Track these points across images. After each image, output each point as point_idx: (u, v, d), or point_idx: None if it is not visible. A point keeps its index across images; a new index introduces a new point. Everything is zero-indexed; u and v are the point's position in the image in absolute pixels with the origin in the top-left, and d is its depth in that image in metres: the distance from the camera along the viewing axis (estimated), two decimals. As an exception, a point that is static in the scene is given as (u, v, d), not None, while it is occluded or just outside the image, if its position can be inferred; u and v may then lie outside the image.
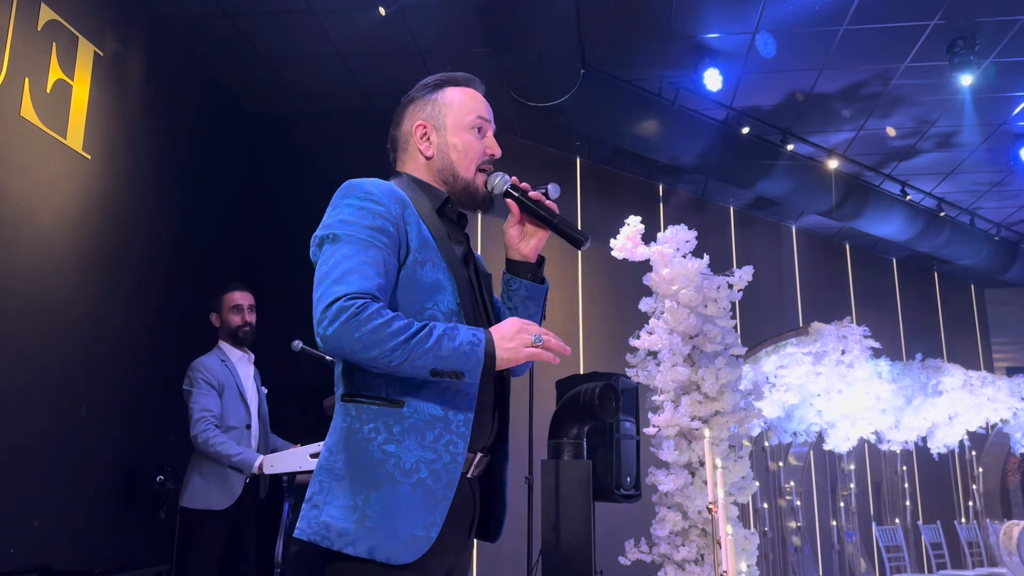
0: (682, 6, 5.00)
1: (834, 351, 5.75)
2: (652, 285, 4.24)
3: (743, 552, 3.93)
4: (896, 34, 5.27)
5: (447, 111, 1.74)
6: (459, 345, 1.47)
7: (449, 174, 1.72)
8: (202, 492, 3.70)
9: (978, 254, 8.68)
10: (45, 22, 3.71)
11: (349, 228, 1.54)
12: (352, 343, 1.44)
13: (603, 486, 3.94)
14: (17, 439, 3.48)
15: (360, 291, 1.46)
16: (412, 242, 1.59)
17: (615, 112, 5.90)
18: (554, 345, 1.55)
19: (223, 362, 3.90)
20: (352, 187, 1.61)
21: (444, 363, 1.47)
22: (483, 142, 1.75)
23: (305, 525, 1.51)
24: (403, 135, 1.77)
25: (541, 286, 1.81)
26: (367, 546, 1.45)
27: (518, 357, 1.52)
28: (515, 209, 1.74)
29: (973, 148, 6.99)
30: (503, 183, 1.73)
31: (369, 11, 4.88)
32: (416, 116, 1.75)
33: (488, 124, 1.77)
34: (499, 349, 1.51)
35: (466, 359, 1.48)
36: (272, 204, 5.90)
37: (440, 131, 1.73)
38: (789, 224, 8.81)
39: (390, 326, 1.44)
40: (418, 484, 1.49)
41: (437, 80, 1.79)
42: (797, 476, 6.56)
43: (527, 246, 1.77)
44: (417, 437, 1.51)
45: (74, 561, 3.69)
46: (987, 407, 7.14)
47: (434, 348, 1.46)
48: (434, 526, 1.48)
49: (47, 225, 3.74)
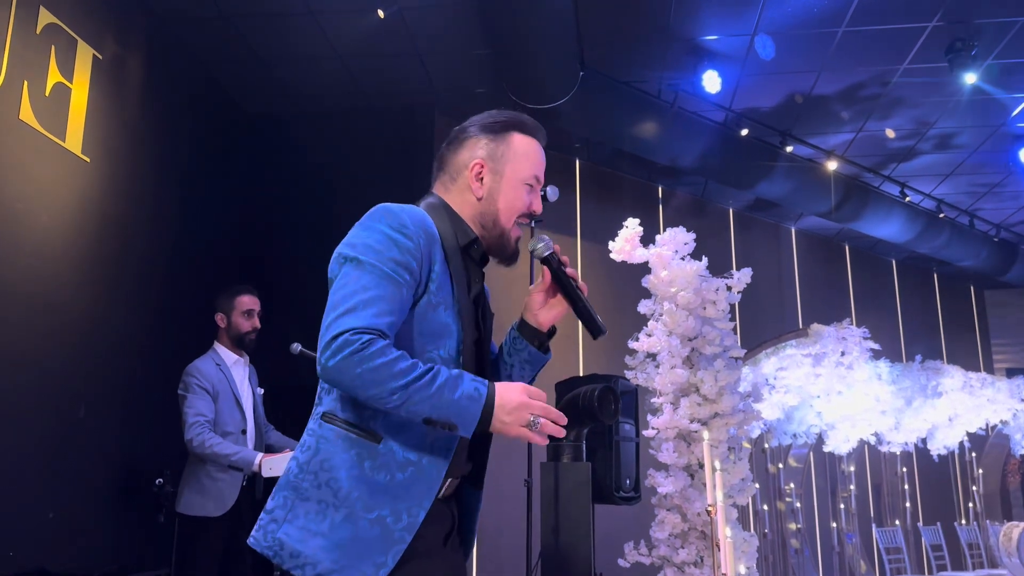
0: (681, 8, 5.00)
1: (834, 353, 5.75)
2: (651, 287, 4.24)
3: (743, 554, 3.93)
4: (895, 36, 5.28)
5: (509, 159, 1.71)
6: (459, 399, 1.45)
7: (490, 220, 1.71)
8: (198, 498, 3.70)
9: (978, 255, 8.68)
10: (44, 25, 3.71)
11: (374, 257, 1.51)
12: (352, 379, 1.42)
13: (602, 488, 3.94)
14: (16, 441, 3.48)
15: (369, 327, 1.44)
16: (431, 283, 1.57)
17: (614, 114, 5.90)
18: (550, 430, 1.51)
19: (218, 366, 3.88)
20: (387, 212, 1.57)
21: (440, 413, 1.44)
22: (529, 197, 1.74)
23: (261, 536, 1.51)
24: (458, 165, 1.73)
25: (544, 356, 1.81)
26: (315, 573, 1.46)
27: (509, 432, 1.50)
28: (548, 278, 1.74)
29: (972, 149, 6.99)
30: (545, 249, 1.72)
31: (368, 13, 4.88)
32: (477, 152, 1.72)
33: (539, 184, 1.76)
34: (496, 417, 1.48)
35: (463, 414, 1.45)
36: (271, 205, 5.90)
37: (496, 176, 1.71)
38: (788, 226, 8.81)
39: (392, 367, 1.42)
40: (377, 521, 1.48)
41: (507, 120, 1.75)
42: (797, 478, 6.55)
43: (546, 316, 1.77)
44: (387, 475, 1.50)
45: (73, 564, 3.69)
46: (987, 408, 7.14)
47: (434, 396, 1.44)
48: (384, 566, 1.47)
49: (46, 228, 3.74)
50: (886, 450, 6.95)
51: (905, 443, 6.87)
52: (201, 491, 3.69)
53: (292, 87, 5.75)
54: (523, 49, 4.96)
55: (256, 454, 3.64)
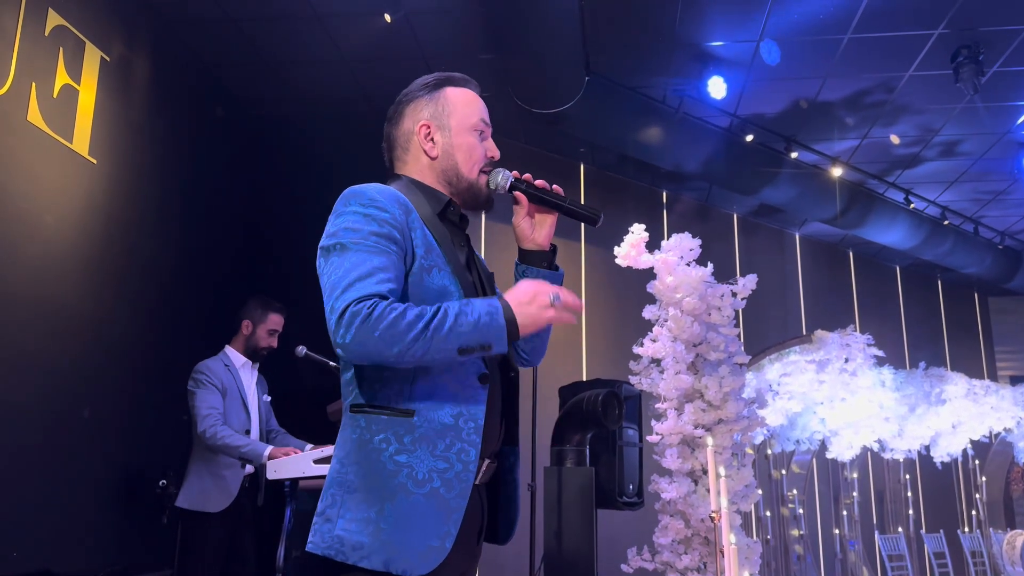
0: (687, 14, 5.00)
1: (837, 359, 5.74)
2: (656, 293, 4.24)
3: (746, 560, 3.93)
4: (900, 43, 5.28)
5: (451, 111, 1.74)
6: (478, 319, 1.45)
7: (453, 175, 1.72)
8: (199, 493, 3.73)
9: (982, 263, 8.66)
10: (52, 27, 3.72)
11: (355, 236, 1.52)
12: (374, 344, 1.41)
13: (606, 493, 3.93)
14: (20, 442, 3.48)
15: (370, 294, 1.44)
16: (417, 248, 1.57)
17: (619, 119, 5.90)
18: (572, 303, 1.52)
19: (227, 367, 3.95)
20: (355, 193, 1.59)
21: (468, 340, 1.45)
22: (484, 144, 1.76)
23: (319, 539, 1.49)
24: (404, 134, 1.75)
25: (557, 273, 1.80)
26: (382, 559, 1.44)
27: (539, 320, 1.51)
28: (523, 200, 1.75)
29: (977, 157, 6.98)
30: (506, 179, 1.73)
31: (374, 17, 4.90)
32: (419, 115, 1.74)
33: (488, 127, 1.77)
34: (519, 315, 1.49)
35: (489, 329, 1.46)
36: (277, 208, 5.91)
37: (444, 131, 1.72)
38: (793, 232, 8.81)
39: (404, 318, 1.42)
40: (431, 494, 1.47)
41: (436, 79, 1.78)
42: (800, 484, 6.54)
43: (540, 234, 1.78)
44: (428, 447, 1.49)
45: (76, 564, 3.69)
46: (991, 416, 7.12)
47: (453, 328, 1.44)
48: (448, 536, 1.46)
49: (52, 228, 3.75)
50: (889, 457, 6.93)
51: (908, 450, 6.86)
52: (202, 487, 3.74)
53: (298, 90, 5.76)
54: (529, 54, 4.97)
55: (266, 447, 3.69)
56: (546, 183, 1.75)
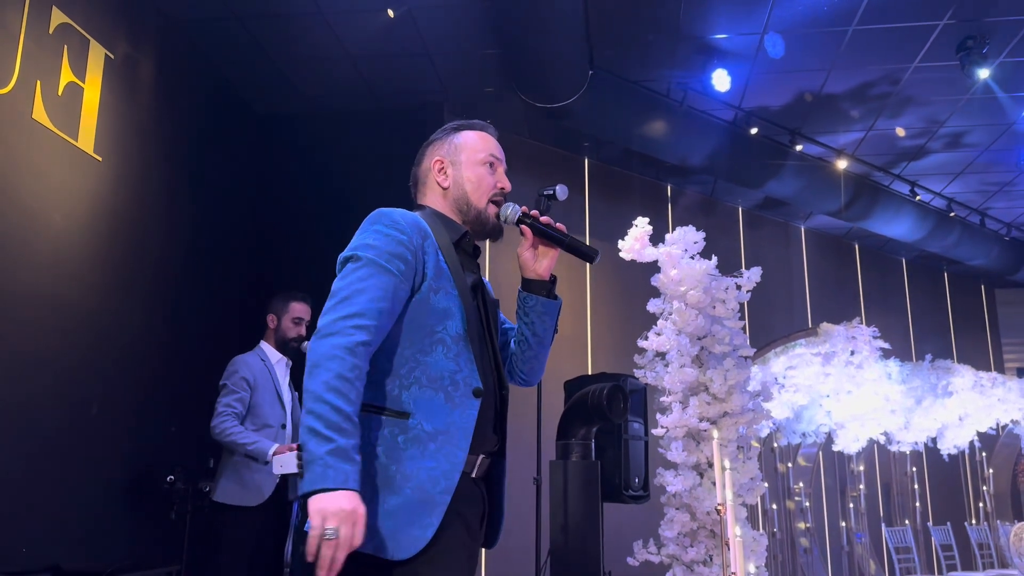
0: (690, 7, 4.99)
1: (843, 352, 5.73)
2: (660, 286, 4.24)
3: (752, 553, 3.93)
4: (906, 34, 5.26)
5: (462, 149, 1.93)
6: (323, 457, 1.46)
7: (463, 203, 1.90)
8: (236, 491, 3.75)
9: (988, 254, 8.65)
10: (56, 25, 3.74)
11: (372, 252, 1.68)
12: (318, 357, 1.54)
13: (611, 487, 3.95)
14: (29, 438, 3.50)
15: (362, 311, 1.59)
16: (428, 270, 1.73)
17: (623, 113, 5.90)
18: (326, 558, 1.45)
19: (263, 361, 3.99)
20: (381, 215, 1.76)
21: (302, 439, 1.50)
22: (494, 176, 1.92)
23: None
24: (423, 171, 1.96)
25: (555, 302, 1.96)
26: (373, 546, 1.56)
27: (316, 521, 1.45)
28: (528, 234, 1.91)
29: (983, 148, 6.96)
30: (515, 213, 1.89)
31: (378, 13, 4.90)
32: (435, 154, 1.94)
33: (499, 162, 1.95)
34: (321, 499, 1.45)
35: (303, 464, 1.49)
36: (282, 205, 5.92)
37: (456, 166, 1.92)
38: (798, 224, 8.79)
39: (343, 377, 1.52)
40: (417, 488, 1.61)
41: (454, 126, 1.98)
42: (806, 477, 6.54)
43: (541, 266, 1.93)
44: (420, 447, 1.64)
45: (85, 561, 3.71)
46: (997, 408, 7.11)
47: (319, 431, 1.48)
48: (430, 526, 1.60)
49: (59, 226, 3.77)
50: (896, 449, 6.93)
51: (915, 442, 6.85)
52: (240, 481, 3.75)
53: (302, 87, 5.77)
54: (533, 48, 4.97)
55: (271, 444, 3.70)
56: (551, 220, 1.90)
